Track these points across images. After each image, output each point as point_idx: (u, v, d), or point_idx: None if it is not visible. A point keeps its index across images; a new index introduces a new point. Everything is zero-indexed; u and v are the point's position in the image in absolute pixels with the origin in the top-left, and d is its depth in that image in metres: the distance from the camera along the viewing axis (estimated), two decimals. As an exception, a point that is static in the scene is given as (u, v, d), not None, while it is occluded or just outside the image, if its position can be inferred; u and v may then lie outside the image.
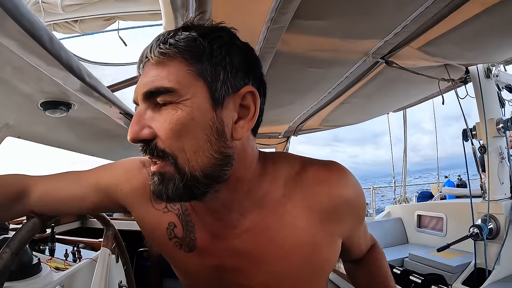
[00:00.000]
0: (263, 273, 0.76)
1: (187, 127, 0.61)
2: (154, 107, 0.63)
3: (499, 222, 2.34)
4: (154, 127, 0.63)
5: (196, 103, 0.62)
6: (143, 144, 0.65)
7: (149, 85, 0.62)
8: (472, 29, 1.59)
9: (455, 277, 2.43)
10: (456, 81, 2.42)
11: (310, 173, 0.77)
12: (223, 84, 0.63)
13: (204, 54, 0.63)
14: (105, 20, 2.22)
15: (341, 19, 1.50)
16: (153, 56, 0.63)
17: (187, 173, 0.63)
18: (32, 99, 1.56)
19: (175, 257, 0.84)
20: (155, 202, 0.83)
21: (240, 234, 0.76)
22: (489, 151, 2.39)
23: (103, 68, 2.09)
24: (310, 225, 0.74)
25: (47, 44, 1.02)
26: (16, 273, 0.97)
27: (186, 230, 0.80)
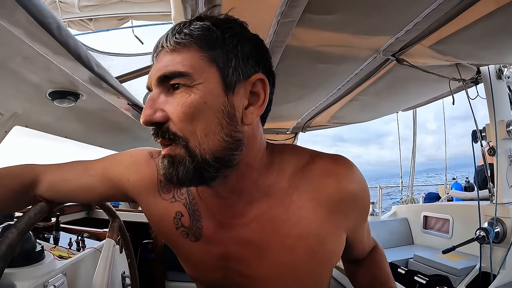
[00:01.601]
0: (267, 263, 0.77)
1: (199, 110, 0.63)
2: (167, 92, 0.66)
3: (506, 226, 2.31)
4: (167, 110, 0.65)
5: (209, 87, 0.64)
6: (155, 128, 0.66)
7: (163, 69, 0.64)
8: (484, 28, 1.56)
9: (459, 280, 2.40)
10: (467, 81, 2.38)
11: (318, 165, 0.77)
12: (235, 71, 0.66)
13: (217, 42, 0.65)
14: (118, 19, 2.28)
15: (352, 14, 1.48)
16: (169, 45, 0.65)
17: (198, 156, 0.64)
18: (41, 88, 1.57)
19: (181, 246, 0.84)
20: (162, 192, 0.85)
21: (247, 223, 0.77)
22: (498, 153, 2.35)
23: (111, 59, 2.11)
24: (316, 216, 0.74)
25: (55, 32, 1.03)
26: (19, 260, 0.97)
27: (193, 219, 0.81)
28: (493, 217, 2.31)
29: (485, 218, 2.40)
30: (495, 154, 2.36)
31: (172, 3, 1.06)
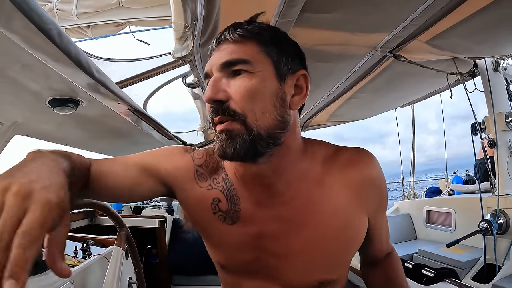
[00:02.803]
0: (301, 239, 0.85)
1: (259, 91, 0.75)
2: (229, 76, 0.76)
3: (509, 217, 2.31)
4: (229, 91, 0.75)
5: (266, 75, 0.76)
6: (215, 106, 0.76)
7: (228, 56, 0.76)
8: (480, 22, 1.57)
9: (465, 272, 2.40)
10: (465, 75, 2.39)
11: (344, 155, 0.89)
12: (285, 66, 0.79)
13: (272, 41, 0.79)
14: (116, 26, 2.29)
15: (349, 12, 1.49)
16: (232, 37, 0.77)
17: (254, 131, 0.74)
18: (40, 96, 1.56)
19: (217, 230, 0.90)
20: (199, 181, 0.91)
21: (285, 201, 0.85)
22: (498, 145, 2.36)
23: (111, 64, 2.11)
24: (344, 197, 0.85)
25: (56, 39, 1.03)
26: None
27: (231, 203, 0.88)
28: (495, 208, 2.32)
29: (488, 210, 2.41)
30: (495, 146, 2.37)
31: (172, 7, 1.06)
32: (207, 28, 1.28)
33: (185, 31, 1.19)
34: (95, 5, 2.13)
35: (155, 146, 3.37)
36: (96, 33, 2.28)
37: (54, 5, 2.16)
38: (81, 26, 2.26)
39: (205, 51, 1.50)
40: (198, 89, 1.98)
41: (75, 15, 2.12)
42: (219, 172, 0.92)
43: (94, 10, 2.14)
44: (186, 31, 1.20)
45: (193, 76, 1.82)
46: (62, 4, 2.16)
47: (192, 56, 1.50)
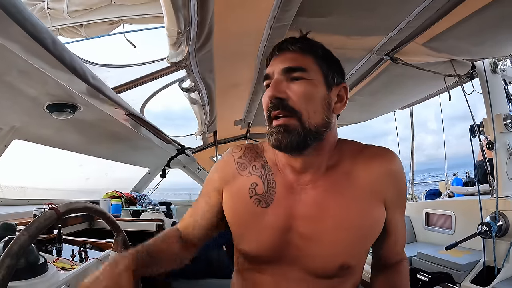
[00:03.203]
0: (327, 220, 0.94)
1: (313, 95, 0.91)
2: (288, 80, 0.91)
3: (508, 219, 2.30)
4: (288, 92, 0.90)
5: (318, 83, 0.92)
6: (275, 102, 0.90)
7: (290, 63, 0.92)
8: (477, 23, 1.57)
9: (464, 275, 2.39)
10: (462, 77, 2.39)
11: (370, 150, 1.01)
12: (332, 78, 0.95)
13: (323, 56, 0.95)
14: (109, 24, 2.27)
15: (344, 16, 1.49)
16: (294, 48, 0.93)
17: (307, 126, 0.89)
18: (38, 102, 1.57)
19: (251, 214, 1.00)
20: (240, 170, 1.06)
21: (315, 187, 0.97)
22: (497, 147, 2.34)
23: (107, 70, 2.11)
24: (367, 186, 0.96)
25: (50, 47, 1.04)
26: (23, 273, 0.98)
27: (267, 187, 1.00)
28: (494, 211, 2.31)
29: (487, 212, 2.39)
30: (493, 148, 2.35)
31: (165, 14, 1.07)
32: (201, 33, 1.29)
33: (178, 37, 1.20)
34: (87, 2, 2.13)
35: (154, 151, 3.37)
36: (90, 32, 2.26)
37: (46, 4, 2.15)
38: (74, 26, 2.26)
39: (201, 56, 1.50)
40: (195, 94, 1.98)
41: (66, 14, 2.12)
42: (259, 160, 1.06)
43: (86, 8, 2.13)
44: (180, 37, 1.20)
45: (190, 80, 1.82)
46: (54, 3, 2.16)
47: (188, 61, 1.50)
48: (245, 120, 3.36)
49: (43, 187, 3.07)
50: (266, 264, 1.01)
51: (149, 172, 4.01)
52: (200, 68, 1.65)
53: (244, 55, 1.76)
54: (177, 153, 3.45)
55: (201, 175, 4.28)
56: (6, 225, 1.30)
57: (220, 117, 2.96)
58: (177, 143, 3.19)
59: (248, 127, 3.91)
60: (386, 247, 1.08)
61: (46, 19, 2.16)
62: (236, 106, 2.87)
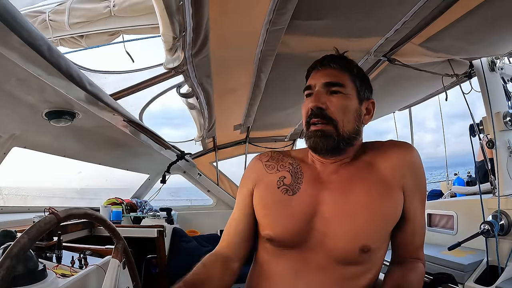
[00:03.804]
0: (350, 202, 1.04)
1: (348, 107, 1.06)
2: (327, 92, 1.06)
3: (510, 218, 2.28)
4: (328, 103, 1.04)
5: (352, 97, 1.07)
6: (316, 111, 1.04)
7: (331, 78, 1.06)
8: (473, 22, 1.56)
9: (467, 275, 2.37)
10: (460, 76, 2.38)
11: (390, 143, 1.15)
12: (363, 93, 1.11)
13: (357, 74, 1.11)
14: (109, 35, 2.30)
15: (340, 18, 1.49)
16: (334, 65, 1.09)
17: (341, 133, 1.04)
18: (37, 109, 1.57)
19: (279, 201, 1.11)
20: (268, 169, 1.18)
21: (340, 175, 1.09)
22: (497, 146, 2.33)
23: (104, 77, 2.12)
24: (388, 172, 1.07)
25: (46, 53, 1.04)
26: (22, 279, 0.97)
27: (295, 178, 1.13)
28: (496, 210, 2.29)
29: (489, 212, 2.38)
30: (494, 147, 2.34)
31: (160, 20, 1.07)
32: (197, 39, 1.29)
33: (174, 42, 1.20)
34: (87, 14, 2.15)
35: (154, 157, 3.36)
36: (90, 43, 2.28)
37: (47, 16, 2.18)
38: (75, 36, 2.27)
39: (197, 61, 1.50)
40: (193, 99, 1.98)
41: (67, 26, 2.14)
42: (286, 160, 1.19)
43: (86, 20, 2.16)
44: (175, 42, 1.20)
45: (187, 86, 1.82)
46: (55, 15, 2.18)
47: (184, 67, 1.50)
48: (244, 124, 3.36)
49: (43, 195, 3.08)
50: (289, 249, 1.09)
51: (149, 178, 4.00)
52: (197, 74, 1.65)
53: (241, 59, 1.76)
54: (177, 158, 3.44)
55: (201, 180, 4.25)
56: (5, 232, 1.30)
57: (219, 122, 2.96)
58: (176, 149, 3.19)
59: (248, 131, 3.90)
60: (404, 236, 1.13)
61: (48, 30, 2.18)
62: (234, 110, 2.87)
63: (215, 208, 4.39)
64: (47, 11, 2.18)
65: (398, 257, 1.17)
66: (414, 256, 1.15)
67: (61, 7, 2.18)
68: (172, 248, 2.95)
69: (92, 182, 3.55)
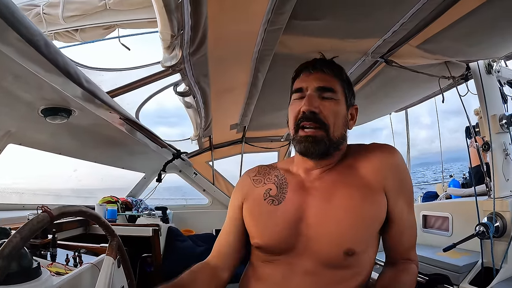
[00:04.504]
0: (333, 207, 1.05)
1: (338, 112, 1.08)
2: (319, 97, 1.07)
3: (505, 220, 2.29)
4: (320, 107, 1.05)
5: (341, 103, 1.10)
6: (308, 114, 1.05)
7: (324, 83, 1.08)
8: (471, 24, 1.57)
9: (462, 277, 2.38)
10: (457, 78, 2.39)
11: (372, 146, 1.16)
12: (349, 100, 1.15)
13: (346, 81, 1.14)
14: (105, 28, 2.27)
15: (338, 19, 1.49)
16: (327, 70, 1.10)
17: (332, 138, 1.06)
18: (33, 106, 1.56)
19: (265, 211, 1.13)
20: (255, 183, 1.22)
21: (322, 181, 1.11)
22: (493, 148, 2.34)
23: (101, 74, 2.11)
24: (369, 175, 1.08)
25: (43, 49, 1.03)
26: (15, 277, 0.96)
27: (280, 188, 1.15)
28: (492, 212, 2.30)
29: (484, 214, 2.38)
30: (489, 149, 2.35)
31: (158, 17, 1.07)
32: (195, 37, 1.29)
33: (172, 41, 1.20)
34: (82, 8, 2.14)
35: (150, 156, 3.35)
36: (85, 37, 2.25)
37: (41, 9, 2.16)
38: (70, 30, 2.26)
39: (195, 60, 1.50)
40: (190, 98, 1.97)
41: (61, 19, 2.13)
42: (272, 173, 1.22)
43: (81, 14, 2.15)
44: (173, 41, 1.20)
45: (184, 84, 1.82)
46: (49, 8, 2.17)
47: (182, 65, 1.50)
48: (240, 124, 3.35)
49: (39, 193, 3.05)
50: (277, 255, 1.10)
51: (145, 177, 3.98)
52: (194, 72, 1.65)
53: (239, 59, 1.76)
54: (173, 157, 3.44)
55: (197, 179, 4.24)
56: (0, 230, 1.29)
57: (216, 122, 2.96)
58: (172, 148, 3.18)
59: (244, 131, 3.90)
60: (392, 238, 1.14)
61: (42, 24, 2.16)
62: (231, 110, 2.86)
63: (210, 208, 4.39)
64: (41, 5, 2.17)
65: (390, 258, 1.18)
66: (405, 257, 1.15)
67: (55, 0, 2.17)
68: (167, 247, 2.94)
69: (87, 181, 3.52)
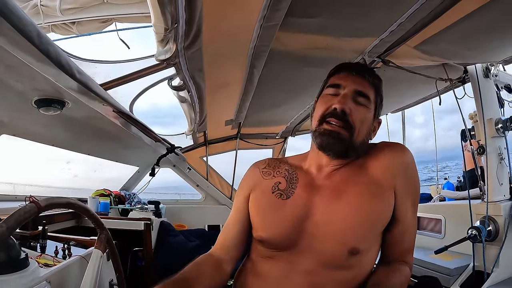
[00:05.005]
0: (341, 204, 1.06)
1: (366, 120, 1.11)
2: (354, 100, 1.09)
3: (498, 224, 2.29)
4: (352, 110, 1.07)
5: (371, 112, 1.13)
6: (339, 113, 1.06)
7: (362, 89, 1.11)
8: (469, 27, 1.56)
9: (453, 279, 2.38)
10: (454, 81, 2.38)
11: (382, 144, 1.17)
12: (377, 112, 1.18)
13: (380, 93, 1.17)
14: (101, 22, 2.28)
15: (335, 17, 1.48)
16: (369, 79, 1.13)
17: (354, 141, 1.08)
18: (26, 97, 1.55)
19: (273, 205, 1.13)
20: (264, 176, 1.21)
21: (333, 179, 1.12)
22: (488, 152, 2.34)
23: (95, 66, 2.11)
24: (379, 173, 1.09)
25: (35, 40, 1.02)
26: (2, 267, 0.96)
27: (290, 183, 1.15)
28: (484, 215, 2.30)
29: (477, 217, 2.39)
30: (484, 153, 2.35)
31: (151, 10, 1.05)
32: (190, 31, 1.28)
33: (166, 34, 1.18)
34: (79, 1, 2.14)
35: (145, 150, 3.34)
36: (82, 30, 2.26)
37: (39, 1, 2.16)
38: (67, 23, 2.26)
39: (190, 54, 1.49)
40: (184, 92, 1.96)
41: (59, 11, 2.13)
42: (282, 166, 1.22)
43: (79, 6, 2.15)
44: (167, 34, 1.19)
45: (179, 79, 1.81)
46: (47, 0, 2.16)
47: (176, 59, 1.48)
48: (236, 120, 3.34)
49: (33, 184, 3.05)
50: (278, 251, 1.09)
51: (139, 170, 3.97)
52: (189, 67, 1.64)
53: (234, 54, 1.75)
54: (167, 152, 3.43)
55: (191, 174, 4.24)
56: (-13, 220, 1.28)
57: (210, 117, 2.95)
58: (167, 142, 3.17)
59: (239, 127, 3.89)
60: (393, 237, 1.13)
61: (39, 16, 2.17)
62: (226, 105, 2.85)
63: (203, 203, 4.38)
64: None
65: (385, 257, 1.17)
66: (401, 259, 1.14)
67: None
68: (159, 241, 2.95)
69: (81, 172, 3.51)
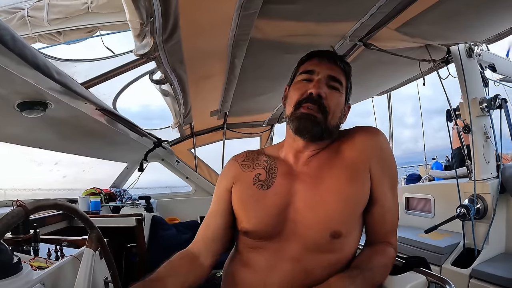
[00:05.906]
0: (320, 190, 1.09)
1: (339, 104, 1.14)
2: (327, 85, 1.12)
3: (486, 202, 2.33)
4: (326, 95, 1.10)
5: (343, 96, 1.16)
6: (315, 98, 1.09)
7: (336, 74, 1.14)
8: (449, 7, 1.56)
9: (445, 258, 2.42)
10: (438, 62, 2.40)
11: (356, 129, 1.20)
12: (347, 96, 1.20)
13: (349, 79, 1.21)
14: (87, 32, 2.34)
15: (314, 2, 1.47)
16: (341, 64, 1.17)
17: (328, 125, 1.10)
18: (8, 100, 1.53)
19: (254, 196, 1.15)
20: (244, 169, 1.23)
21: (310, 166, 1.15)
22: (473, 131, 2.37)
23: (74, 65, 2.10)
24: (354, 155, 1.12)
25: (9, 43, 1.01)
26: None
27: (269, 173, 1.18)
28: (472, 194, 2.34)
29: (465, 195, 2.42)
30: (470, 132, 2.38)
31: (125, 5, 1.04)
32: (167, 24, 1.27)
33: (142, 28, 1.17)
34: (65, 11, 2.17)
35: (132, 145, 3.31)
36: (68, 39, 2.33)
37: (26, 12, 2.19)
38: (52, 33, 2.29)
39: (169, 47, 1.48)
40: (167, 85, 1.95)
41: (46, 21, 2.16)
42: (260, 158, 1.24)
43: (64, 16, 2.18)
44: (143, 28, 1.18)
45: (160, 72, 1.80)
46: (33, 11, 2.19)
47: (156, 53, 1.47)
48: (221, 110, 3.34)
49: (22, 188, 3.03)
50: (264, 241, 1.11)
51: (128, 167, 3.95)
52: (170, 60, 1.63)
53: (215, 45, 1.74)
54: (154, 146, 3.40)
55: (179, 167, 4.24)
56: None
57: (195, 109, 2.94)
58: (153, 136, 3.16)
59: (225, 117, 3.88)
60: (373, 219, 1.16)
61: (26, 26, 2.20)
62: (210, 96, 2.84)
63: (194, 195, 4.40)
64: (26, 7, 2.21)
65: (369, 240, 1.19)
66: (385, 240, 1.16)
67: (40, 3, 2.20)
68: (151, 236, 2.96)
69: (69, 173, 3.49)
